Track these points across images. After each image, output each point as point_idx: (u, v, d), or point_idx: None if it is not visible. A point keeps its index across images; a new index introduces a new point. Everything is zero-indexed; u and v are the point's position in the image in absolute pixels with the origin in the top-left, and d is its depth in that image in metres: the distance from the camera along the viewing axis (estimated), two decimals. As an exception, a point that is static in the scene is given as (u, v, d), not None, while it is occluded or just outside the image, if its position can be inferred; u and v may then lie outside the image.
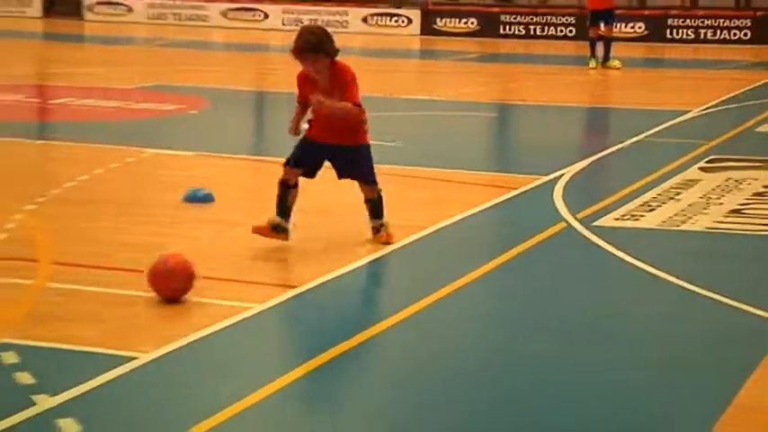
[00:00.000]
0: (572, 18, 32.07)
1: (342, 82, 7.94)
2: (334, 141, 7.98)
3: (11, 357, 4.82)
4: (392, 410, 4.77)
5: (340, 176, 8.14)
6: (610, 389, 5.07)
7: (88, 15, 39.34)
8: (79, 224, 8.49)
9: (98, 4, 39.26)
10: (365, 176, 8.04)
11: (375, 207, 8.04)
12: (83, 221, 8.60)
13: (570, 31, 32.20)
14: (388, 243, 8.00)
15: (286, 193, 7.83)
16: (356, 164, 8.01)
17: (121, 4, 39.14)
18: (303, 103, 8.16)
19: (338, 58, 7.94)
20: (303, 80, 8.12)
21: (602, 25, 23.00)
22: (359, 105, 7.88)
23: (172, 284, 6.03)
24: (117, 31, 36.95)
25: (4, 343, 5.04)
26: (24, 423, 4.03)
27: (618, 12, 25.15)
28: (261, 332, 5.97)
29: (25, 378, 4.55)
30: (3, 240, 7.48)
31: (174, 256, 6.28)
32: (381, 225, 8.04)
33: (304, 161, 8.01)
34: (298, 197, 7.91)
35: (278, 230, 7.66)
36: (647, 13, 33.13)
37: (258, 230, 7.70)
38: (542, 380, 5.18)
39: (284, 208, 7.81)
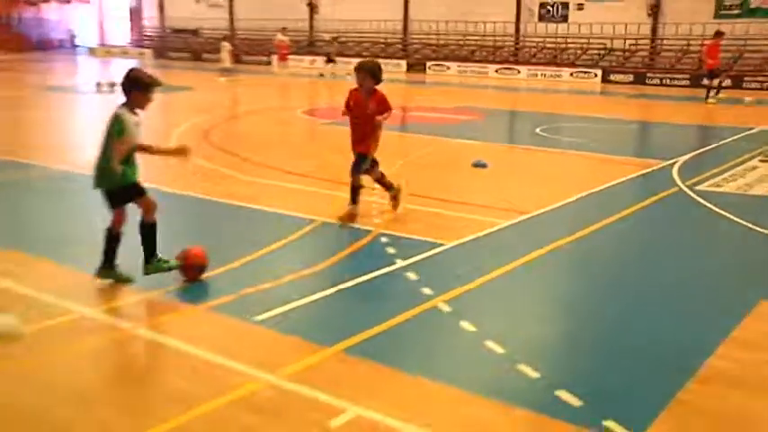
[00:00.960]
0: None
1: (380, 99, 9.73)
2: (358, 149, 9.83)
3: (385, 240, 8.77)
4: (566, 289, 8.44)
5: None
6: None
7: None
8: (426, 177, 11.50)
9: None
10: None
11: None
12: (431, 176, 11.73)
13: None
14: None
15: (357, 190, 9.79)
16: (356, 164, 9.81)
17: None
18: (345, 112, 9.91)
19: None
20: (349, 95, 9.88)
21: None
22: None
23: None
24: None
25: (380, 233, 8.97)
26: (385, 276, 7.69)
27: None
28: (502, 239, 9.40)
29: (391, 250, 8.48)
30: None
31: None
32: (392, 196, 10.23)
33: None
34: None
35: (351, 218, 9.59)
36: None
37: (343, 219, 9.53)
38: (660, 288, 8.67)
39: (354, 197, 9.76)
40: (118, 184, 6.98)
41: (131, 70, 7.18)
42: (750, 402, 5.35)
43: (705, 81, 29.12)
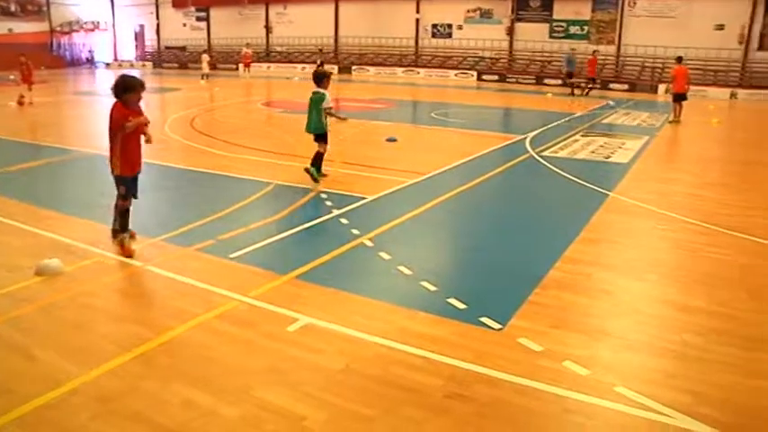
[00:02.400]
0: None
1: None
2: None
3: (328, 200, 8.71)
4: (446, 236, 8.56)
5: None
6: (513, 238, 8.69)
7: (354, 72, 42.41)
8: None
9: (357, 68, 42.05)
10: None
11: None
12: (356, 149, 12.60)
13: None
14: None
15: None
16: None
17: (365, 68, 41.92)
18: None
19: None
20: None
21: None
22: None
23: None
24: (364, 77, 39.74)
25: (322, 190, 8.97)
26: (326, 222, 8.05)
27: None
28: (408, 193, 9.45)
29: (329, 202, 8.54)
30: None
31: None
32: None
33: None
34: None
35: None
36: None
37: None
38: (504, 228, 8.79)
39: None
40: None
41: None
42: (574, 299, 5.56)
43: (582, 84, 29.41)
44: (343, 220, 7.64)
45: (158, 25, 54.51)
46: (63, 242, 6.78)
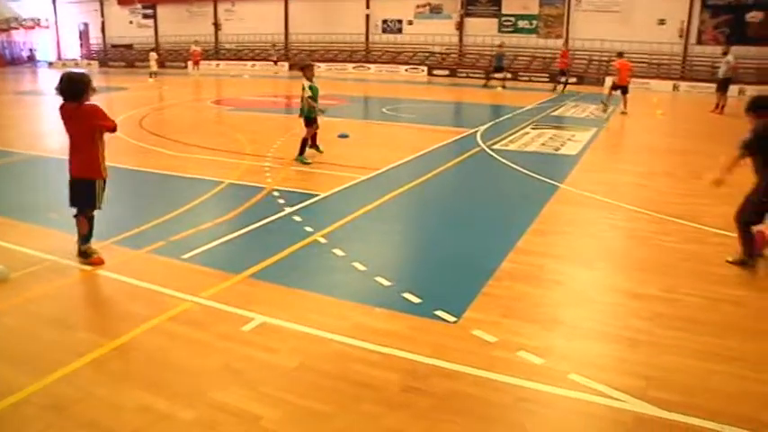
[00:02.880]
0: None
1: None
2: None
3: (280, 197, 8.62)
4: (399, 225, 8.63)
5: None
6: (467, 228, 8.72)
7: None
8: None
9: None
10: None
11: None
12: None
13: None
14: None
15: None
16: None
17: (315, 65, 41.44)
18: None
19: None
20: None
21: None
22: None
23: None
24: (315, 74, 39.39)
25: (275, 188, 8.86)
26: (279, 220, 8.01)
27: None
28: (361, 189, 9.38)
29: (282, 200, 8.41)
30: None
31: None
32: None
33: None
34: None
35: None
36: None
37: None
38: (455, 221, 8.78)
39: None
40: None
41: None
42: (527, 289, 5.63)
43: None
44: (297, 218, 7.58)
45: (103, 23, 53.24)
46: (8, 248, 6.54)
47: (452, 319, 4.94)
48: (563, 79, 28.66)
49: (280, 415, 3.69)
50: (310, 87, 11.13)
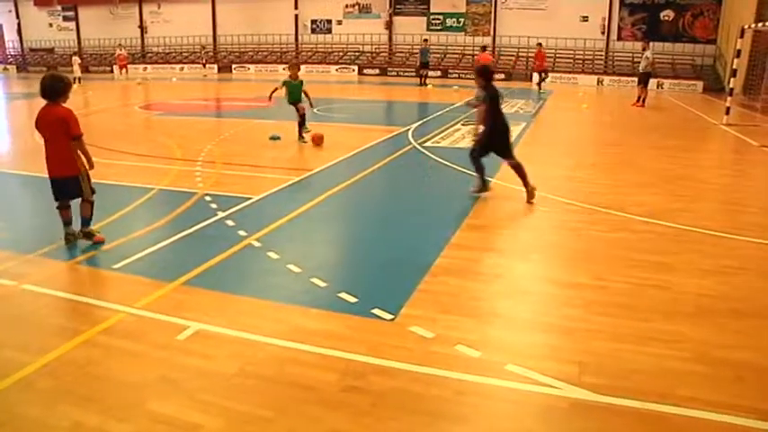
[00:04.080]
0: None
1: None
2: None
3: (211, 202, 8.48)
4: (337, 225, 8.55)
5: None
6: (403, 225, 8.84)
7: (234, 71, 40.51)
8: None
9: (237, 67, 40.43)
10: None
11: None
12: (239, 148, 12.39)
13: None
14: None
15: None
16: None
17: (245, 66, 40.41)
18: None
19: None
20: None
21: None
22: None
23: None
24: (245, 76, 38.39)
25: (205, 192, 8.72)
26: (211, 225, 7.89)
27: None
28: (294, 191, 9.33)
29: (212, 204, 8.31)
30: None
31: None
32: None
33: None
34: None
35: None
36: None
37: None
38: (385, 219, 8.88)
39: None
40: None
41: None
42: (462, 284, 5.70)
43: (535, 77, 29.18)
44: (230, 222, 7.47)
45: (19, 25, 51.10)
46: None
47: (389, 316, 4.96)
48: (541, 79, 28.38)
49: (220, 423, 3.64)
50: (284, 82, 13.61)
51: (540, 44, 28.49)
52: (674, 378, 4.12)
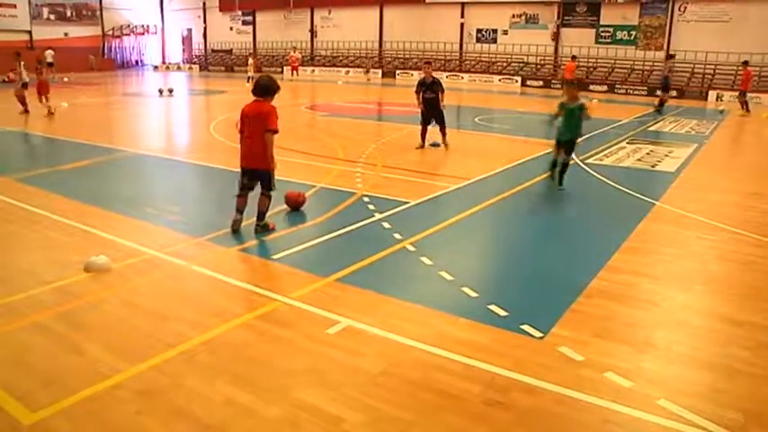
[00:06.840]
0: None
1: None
2: None
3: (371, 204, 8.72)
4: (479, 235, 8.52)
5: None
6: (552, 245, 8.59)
7: (398, 76, 42.17)
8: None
9: (402, 72, 42.01)
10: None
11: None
12: (400, 153, 12.64)
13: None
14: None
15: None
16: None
17: (409, 72, 41.82)
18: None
19: None
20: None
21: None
22: None
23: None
24: (409, 81, 39.77)
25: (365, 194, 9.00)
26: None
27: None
28: (451, 199, 9.41)
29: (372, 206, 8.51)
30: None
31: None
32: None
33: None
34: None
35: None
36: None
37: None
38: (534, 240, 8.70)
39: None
40: None
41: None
42: (617, 308, 5.46)
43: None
44: (386, 224, 7.64)
45: (205, 29, 55.66)
46: (111, 240, 6.94)
47: (539, 334, 4.85)
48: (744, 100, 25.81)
49: (362, 419, 3.72)
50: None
51: (746, 62, 26.19)
52: None
